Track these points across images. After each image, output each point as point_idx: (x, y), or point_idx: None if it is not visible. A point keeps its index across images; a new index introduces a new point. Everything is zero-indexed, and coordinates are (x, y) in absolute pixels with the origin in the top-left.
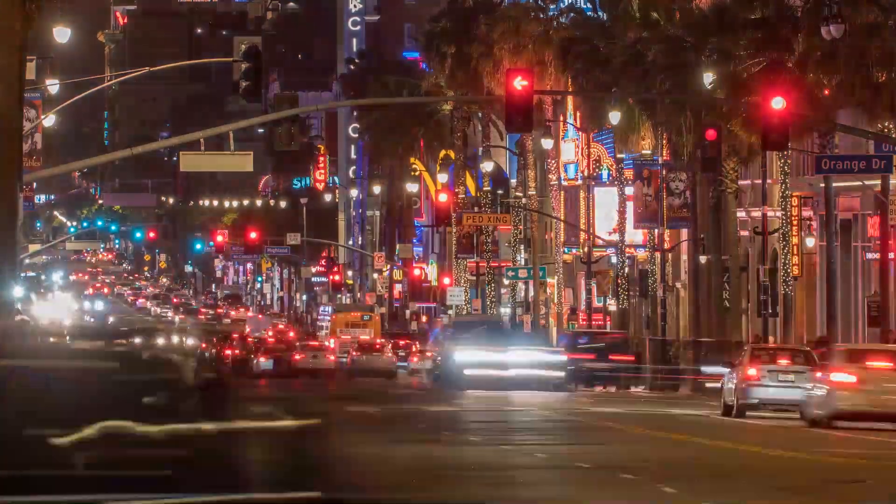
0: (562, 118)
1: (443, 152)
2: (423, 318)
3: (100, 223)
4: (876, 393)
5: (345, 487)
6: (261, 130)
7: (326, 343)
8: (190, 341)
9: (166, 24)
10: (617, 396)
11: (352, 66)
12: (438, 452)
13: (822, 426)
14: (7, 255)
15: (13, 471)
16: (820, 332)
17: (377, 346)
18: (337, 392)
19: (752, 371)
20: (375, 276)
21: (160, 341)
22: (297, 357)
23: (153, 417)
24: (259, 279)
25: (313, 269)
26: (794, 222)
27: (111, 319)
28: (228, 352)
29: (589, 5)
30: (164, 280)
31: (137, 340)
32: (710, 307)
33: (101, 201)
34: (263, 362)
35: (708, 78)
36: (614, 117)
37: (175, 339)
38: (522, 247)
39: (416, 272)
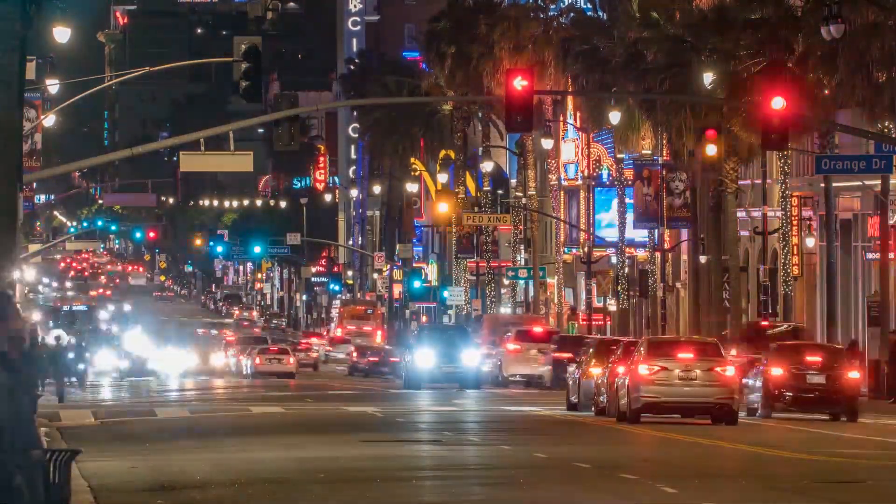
0: (562, 118)
1: (443, 152)
2: (424, 318)
3: (100, 223)
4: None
5: None
6: (261, 130)
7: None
8: None
9: (166, 24)
10: None
11: (352, 66)
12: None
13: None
14: (7, 255)
15: None
16: (820, 333)
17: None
18: None
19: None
20: (375, 275)
21: None
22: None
23: None
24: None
25: (313, 269)
26: (794, 222)
27: None
28: None
29: (589, 5)
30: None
31: None
32: (710, 307)
33: (101, 201)
34: None
35: (708, 78)
36: (614, 117)
37: None
38: (522, 247)
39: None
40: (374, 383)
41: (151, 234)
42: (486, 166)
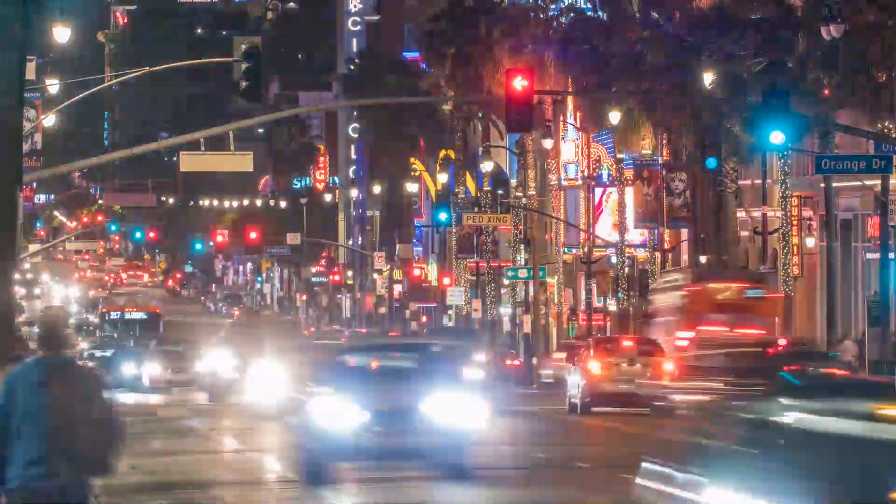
0: (562, 118)
1: (443, 152)
2: (424, 318)
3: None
4: None
5: None
6: (261, 130)
7: None
8: None
9: (166, 24)
10: None
11: (352, 66)
12: None
13: None
14: (7, 255)
15: None
16: (820, 333)
17: None
18: None
19: None
20: (375, 276)
21: None
22: None
23: None
24: (259, 279)
25: (313, 269)
26: (794, 222)
27: None
28: None
29: (589, 5)
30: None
31: None
32: None
33: (101, 201)
34: None
35: (708, 78)
36: (614, 117)
37: None
38: (522, 247)
39: (416, 272)
40: None
41: (151, 234)
42: (486, 166)
